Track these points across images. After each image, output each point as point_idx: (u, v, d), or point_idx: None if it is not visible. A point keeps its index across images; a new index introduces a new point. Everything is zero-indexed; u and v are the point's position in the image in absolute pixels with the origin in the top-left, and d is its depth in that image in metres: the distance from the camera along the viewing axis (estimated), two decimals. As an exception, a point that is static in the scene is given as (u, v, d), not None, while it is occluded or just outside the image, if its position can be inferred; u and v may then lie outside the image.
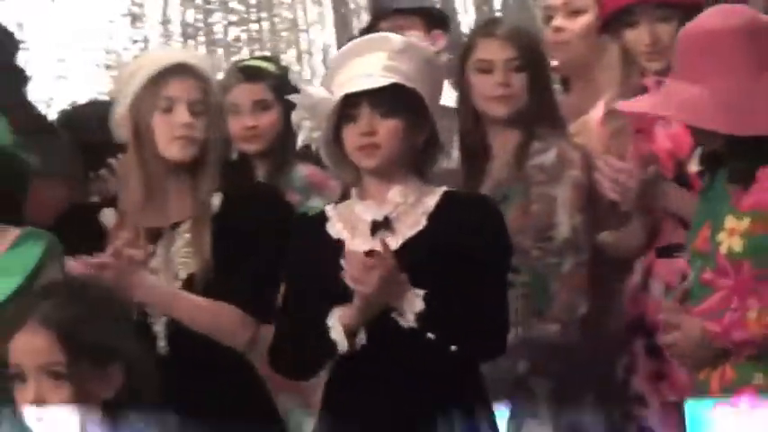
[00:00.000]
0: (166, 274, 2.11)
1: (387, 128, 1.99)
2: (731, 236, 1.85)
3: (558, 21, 2.80)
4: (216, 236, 2.10)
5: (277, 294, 2.10)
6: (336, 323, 1.92)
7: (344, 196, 2.23)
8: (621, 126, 2.45)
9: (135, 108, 2.17)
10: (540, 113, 2.41)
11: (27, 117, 2.65)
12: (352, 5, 4.81)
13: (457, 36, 3.52)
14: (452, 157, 2.65)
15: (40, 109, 3.27)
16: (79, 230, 2.17)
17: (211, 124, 2.14)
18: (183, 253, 2.12)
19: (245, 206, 2.16)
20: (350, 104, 2.00)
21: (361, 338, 1.93)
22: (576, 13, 2.80)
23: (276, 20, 4.91)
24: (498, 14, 4.89)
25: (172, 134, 2.11)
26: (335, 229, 2.04)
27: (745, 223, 1.83)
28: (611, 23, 2.49)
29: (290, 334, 2.01)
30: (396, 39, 2.16)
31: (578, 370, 2.39)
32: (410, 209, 2.03)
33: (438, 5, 3.95)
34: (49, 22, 4.64)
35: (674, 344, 1.92)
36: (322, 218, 2.09)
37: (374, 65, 2.03)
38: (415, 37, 2.86)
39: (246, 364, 2.13)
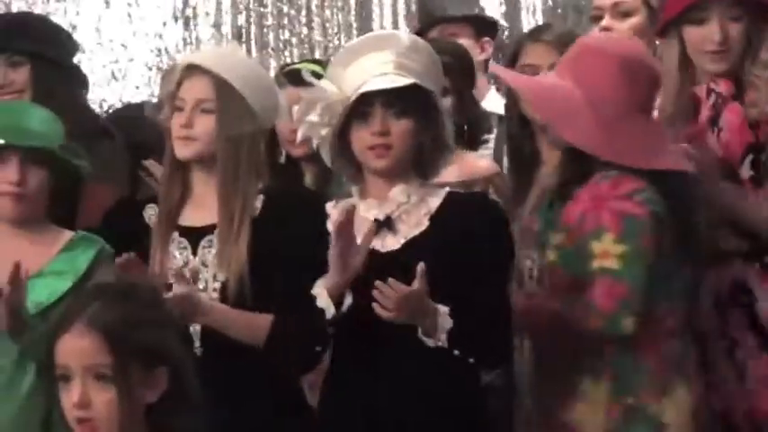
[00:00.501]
0: (205, 275, 2.12)
1: (400, 128, 1.97)
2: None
3: (607, 21, 2.80)
4: (254, 237, 2.09)
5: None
6: (321, 290, 1.90)
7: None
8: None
9: (164, 110, 2.23)
10: None
11: (83, 120, 2.70)
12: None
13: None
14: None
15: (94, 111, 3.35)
16: (125, 226, 2.21)
17: (224, 123, 2.12)
18: (223, 254, 2.11)
19: (283, 210, 2.16)
20: (363, 103, 1.98)
21: (348, 301, 1.90)
22: (625, 14, 2.79)
23: (327, 24, 4.93)
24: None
25: (176, 134, 2.14)
26: (330, 215, 2.04)
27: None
28: (675, 21, 2.42)
29: (289, 320, 2.00)
30: (404, 37, 2.18)
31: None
32: (413, 209, 2.01)
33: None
34: (102, 23, 4.74)
35: None
36: (314, 203, 2.14)
37: (386, 63, 2.01)
38: (466, 44, 2.97)
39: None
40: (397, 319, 1.82)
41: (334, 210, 2.05)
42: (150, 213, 2.20)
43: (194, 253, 2.14)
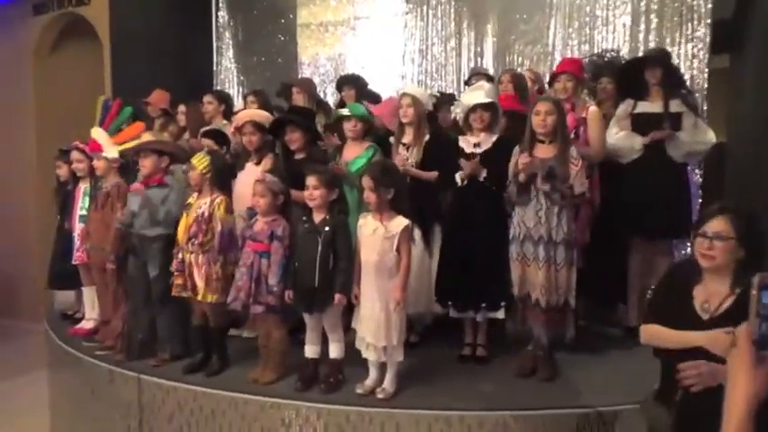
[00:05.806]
0: (411, 160, 5.45)
1: (488, 115, 5.06)
2: None
3: None
4: (425, 148, 5.51)
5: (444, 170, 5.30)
6: (458, 177, 5.05)
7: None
8: None
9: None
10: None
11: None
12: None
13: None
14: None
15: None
16: (384, 144, 5.88)
17: (417, 109, 5.55)
18: (416, 154, 5.50)
19: (435, 139, 5.58)
20: (474, 107, 5.08)
21: (465, 183, 5.03)
22: None
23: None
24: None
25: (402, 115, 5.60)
26: (461, 144, 5.13)
27: None
28: None
29: (444, 178, 5.27)
30: (487, 85, 5.45)
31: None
32: (486, 140, 5.08)
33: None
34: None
35: None
36: (456, 140, 5.18)
37: (481, 94, 5.09)
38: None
39: (433, 188, 5.49)
40: (473, 170, 5.07)
41: (462, 138, 5.21)
42: (391, 139, 5.94)
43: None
